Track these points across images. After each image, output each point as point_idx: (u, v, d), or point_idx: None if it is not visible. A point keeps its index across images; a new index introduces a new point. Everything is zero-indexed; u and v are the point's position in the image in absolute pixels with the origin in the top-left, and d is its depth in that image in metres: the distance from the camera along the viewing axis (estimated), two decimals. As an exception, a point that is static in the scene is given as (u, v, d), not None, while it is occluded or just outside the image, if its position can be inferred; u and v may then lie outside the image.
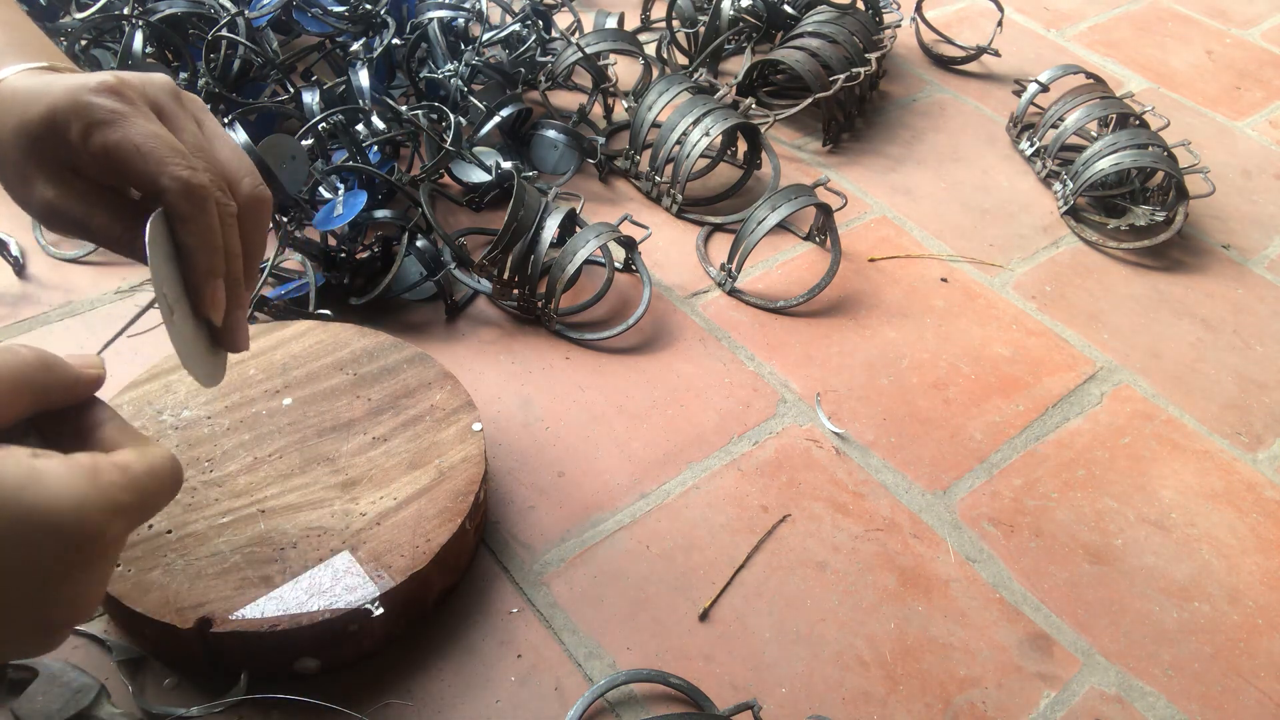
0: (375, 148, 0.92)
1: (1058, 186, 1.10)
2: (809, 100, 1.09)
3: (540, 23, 1.10)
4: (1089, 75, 1.17)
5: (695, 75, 1.13)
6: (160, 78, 0.50)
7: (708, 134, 0.97)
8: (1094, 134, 1.15)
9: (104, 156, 0.46)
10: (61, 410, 0.42)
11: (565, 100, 1.14)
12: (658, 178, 1.01)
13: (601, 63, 1.09)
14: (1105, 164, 1.03)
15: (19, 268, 0.86)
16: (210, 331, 0.52)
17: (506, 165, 0.96)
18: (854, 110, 1.16)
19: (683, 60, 1.22)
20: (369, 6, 1.03)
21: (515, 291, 0.87)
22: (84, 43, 0.94)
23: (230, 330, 0.52)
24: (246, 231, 0.51)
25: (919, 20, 1.33)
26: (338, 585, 0.59)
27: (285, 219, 0.82)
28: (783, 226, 0.99)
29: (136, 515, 0.39)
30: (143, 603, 0.58)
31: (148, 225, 0.46)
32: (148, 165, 0.46)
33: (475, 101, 0.98)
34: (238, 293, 0.51)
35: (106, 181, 0.49)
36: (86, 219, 0.48)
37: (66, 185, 0.48)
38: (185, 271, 0.48)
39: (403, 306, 0.87)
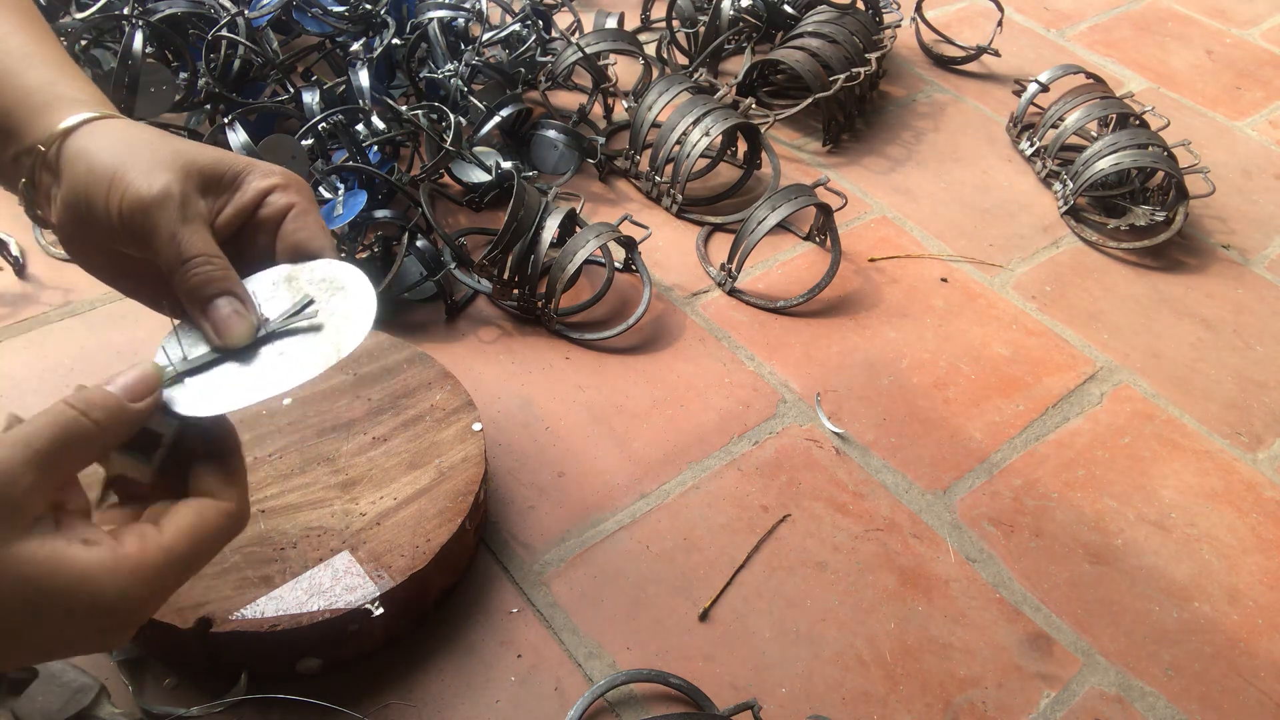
0: (375, 148, 0.92)
1: (1058, 186, 1.10)
2: (809, 100, 1.09)
3: (540, 23, 1.10)
4: (1089, 75, 1.17)
5: (695, 75, 1.13)
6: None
7: (708, 134, 0.97)
8: (1094, 134, 1.15)
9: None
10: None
11: (565, 100, 1.14)
12: (658, 178, 1.01)
13: (601, 63, 1.09)
14: (1105, 164, 1.03)
15: (19, 268, 0.86)
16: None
17: (506, 165, 0.96)
18: (854, 110, 1.16)
19: (683, 60, 1.22)
20: (369, 6, 1.03)
21: (515, 291, 0.87)
22: (84, 43, 0.94)
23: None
24: None
25: (919, 20, 1.33)
26: (338, 585, 0.59)
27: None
28: (783, 226, 0.99)
29: (181, 582, 0.42)
30: (143, 603, 0.58)
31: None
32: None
33: (475, 101, 0.98)
34: None
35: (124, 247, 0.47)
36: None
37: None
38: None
39: (403, 306, 0.87)
